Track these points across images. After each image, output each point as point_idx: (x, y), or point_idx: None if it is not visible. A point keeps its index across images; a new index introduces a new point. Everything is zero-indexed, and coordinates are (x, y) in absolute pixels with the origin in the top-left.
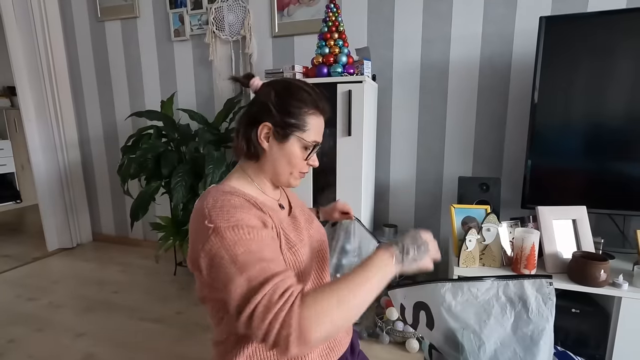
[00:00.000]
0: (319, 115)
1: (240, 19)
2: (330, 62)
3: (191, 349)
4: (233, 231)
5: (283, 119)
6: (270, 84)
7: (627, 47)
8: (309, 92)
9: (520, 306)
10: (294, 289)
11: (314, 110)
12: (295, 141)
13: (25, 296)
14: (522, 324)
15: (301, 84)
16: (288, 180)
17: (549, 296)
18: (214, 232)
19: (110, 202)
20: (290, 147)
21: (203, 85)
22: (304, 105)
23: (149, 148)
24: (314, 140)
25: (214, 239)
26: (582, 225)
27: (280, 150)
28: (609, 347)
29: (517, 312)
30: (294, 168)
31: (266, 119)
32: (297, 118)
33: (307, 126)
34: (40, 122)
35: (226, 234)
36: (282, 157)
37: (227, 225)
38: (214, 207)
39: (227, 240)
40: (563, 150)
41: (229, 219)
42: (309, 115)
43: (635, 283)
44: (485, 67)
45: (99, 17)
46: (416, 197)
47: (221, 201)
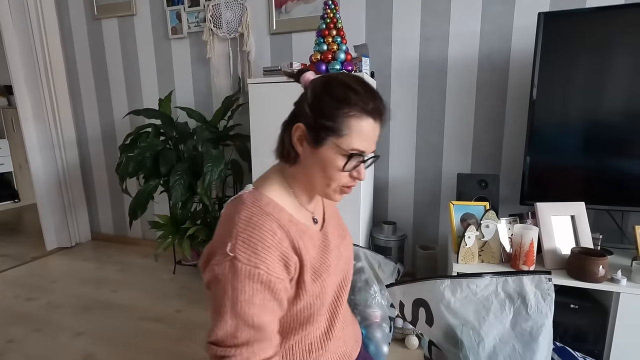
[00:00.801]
0: (366, 118)
1: (237, 16)
2: (328, 59)
3: (191, 348)
4: (248, 275)
5: (316, 120)
6: (315, 79)
7: (625, 43)
8: (355, 90)
9: (519, 302)
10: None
11: (356, 112)
12: (331, 147)
13: (23, 296)
14: (521, 320)
15: (347, 80)
16: (325, 192)
17: (548, 292)
18: (232, 262)
19: (108, 201)
20: (324, 153)
21: (201, 83)
22: (343, 105)
23: (147, 146)
24: (354, 147)
25: (228, 268)
26: (580, 221)
27: (314, 156)
28: (607, 342)
29: (516, 308)
30: (330, 179)
31: (300, 120)
32: (333, 120)
33: (346, 130)
34: (38, 121)
35: (240, 273)
36: (315, 164)
37: (247, 264)
38: (243, 230)
39: (238, 279)
40: (562, 146)
41: (251, 258)
42: (349, 117)
43: (633, 278)
44: (483, 64)
45: (95, 15)
46: (415, 194)
47: (252, 227)
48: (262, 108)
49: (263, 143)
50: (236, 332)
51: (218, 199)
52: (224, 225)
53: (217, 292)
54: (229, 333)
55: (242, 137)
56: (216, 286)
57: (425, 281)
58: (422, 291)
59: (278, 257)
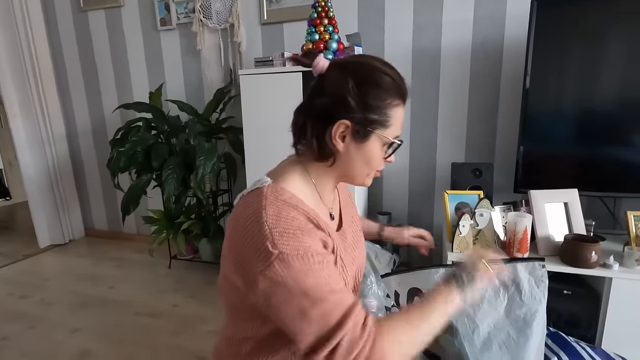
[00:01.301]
0: (403, 105)
1: (227, 6)
2: (320, 49)
3: (188, 341)
4: (302, 260)
5: (365, 115)
6: (342, 66)
7: (619, 30)
8: (392, 76)
9: (513, 289)
10: (369, 321)
11: (398, 101)
12: (376, 139)
13: (17, 294)
14: (515, 306)
15: (380, 65)
16: (363, 181)
17: (541, 279)
18: (279, 259)
19: (101, 196)
20: (370, 147)
21: (192, 75)
22: (387, 96)
23: (138, 141)
24: (396, 135)
25: (279, 266)
26: (573, 208)
27: (358, 151)
28: (600, 326)
29: (510, 295)
30: (372, 170)
31: (343, 116)
32: (380, 113)
33: (390, 120)
34: (26, 117)
35: (294, 262)
36: (359, 159)
37: (295, 253)
38: (276, 225)
39: (295, 269)
40: (555, 134)
41: (296, 245)
42: (393, 107)
43: (625, 263)
44: (477, 52)
45: (81, 6)
46: (409, 185)
47: (284, 219)
48: (255, 100)
49: (256, 135)
50: (326, 317)
51: (212, 193)
52: (248, 227)
53: (282, 296)
54: (321, 324)
55: (235, 130)
56: (277, 291)
57: (420, 270)
58: (416, 280)
59: (318, 239)
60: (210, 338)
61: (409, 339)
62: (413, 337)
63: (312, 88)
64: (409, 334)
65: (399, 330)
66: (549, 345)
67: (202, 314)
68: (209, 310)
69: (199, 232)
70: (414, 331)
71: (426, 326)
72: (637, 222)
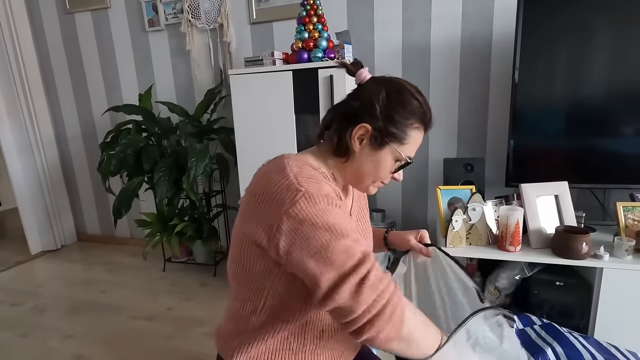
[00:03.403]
0: (422, 131)
1: (216, 6)
2: (310, 47)
3: (183, 344)
4: (326, 199)
5: (385, 125)
6: (381, 81)
7: (605, 23)
8: (420, 103)
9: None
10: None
11: (419, 124)
12: (389, 152)
13: (8, 302)
14: None
15: (414, 90)
16: (367, 188)
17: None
18: (305, 197)
19: (93, 200)
20: (382, 156)
21: (182, 76)
22: (411, 117)
23: (129, 143)
24: (409, 155)
25: (305, 203)
26: (564, 201)
27: (371, 157)
28: (592, 316)
29: None
30: (378, 178)
31: (367, 120)
32: (400, 128)
33: (407, 139)
34: (13, 121)
35: (319, 200)
36: (370, 164)
37: (320, 193)
38: (300, 173)
39: (320, 206)
40: (544, 128)
41: (320, 188)
42: (413, 128)
43: (615, 254)
44: (466, 47)
45: (67, 8)
46: (403, 181)
47: (307, 170)
48: (245, 99)
49: (248, 135)
50: (350, 249)
51: (205, 194)
52: (272, 177)
53: (305, 233)
54: (347, 254)
55: (227, 130)
56: (301, 228)
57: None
58: None
59: (337, 197)
60: (206, 340)
61: (416, 324)
62: (417, 327)
63: (349, 93)
64: (418, 325)
65: (412, 310)
66: (542, 337)
67: (197, 316)
68: (204, 313)
69: (192, 234)
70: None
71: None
72: (627, 212)
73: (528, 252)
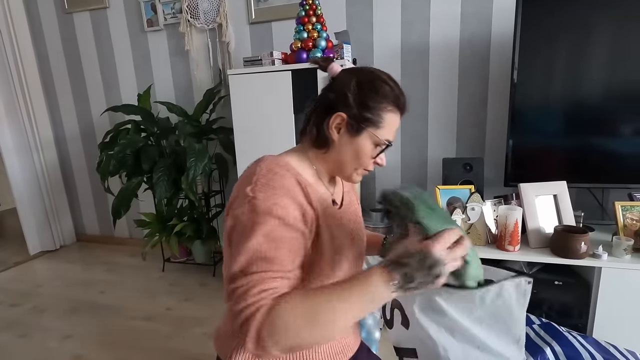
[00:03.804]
0: (397, 113)
1: (215, 6)
2: (309, 47)
3: (182, 344)
4: (265, 211)
5: (360, 112)
6: (353, 71)
7: (604, 22)
8: (392, 87)
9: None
10: (275, 291)
11: (393, 107)
12: (367, 137)
13: (7, 302)
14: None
15: (385, 77)
16: (350, 175)
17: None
18: (250, 202)
19: (92, 201)
20: (360, 142)
21: (180, 76)
22: (384, 101)
23: (127, 143)
24: (387, 138)
25: (247, 208)
26: (563, 200)
27: (350, 144)
28: (590, 315)
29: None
30: (360, 165)
31: (341, 109)
32: (374, 113)
33: (383, 123)
34: (12, 121)
35: (259, 209)
36: (350, 151)
37: (265, 203)
38: (264, 176)
39: (257, 215)
40: (543, 127)
41: (270, 197)
42: (387, 111)
43: (614, 253)
44: (465, 47)
45: (66, 8)
46: (402, 181)
47: (273, 174)
48: (244, 99)
49: (247, 135)
50: (250, 265)
51: (204, 194)
52: (245, 177)
53: (237, 232)
54: (243, 266)
55: (226, 130)
56: (236, 227)
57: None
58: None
59: (296, 203)
60: (206, 340)
61: (302, 329)
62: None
63: (324, 87)
64: (304, 325)
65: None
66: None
67: (196, 316)
68: (203, 313)
69: (192, 234)
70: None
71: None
72: (625, 212)
73: (527, 252)
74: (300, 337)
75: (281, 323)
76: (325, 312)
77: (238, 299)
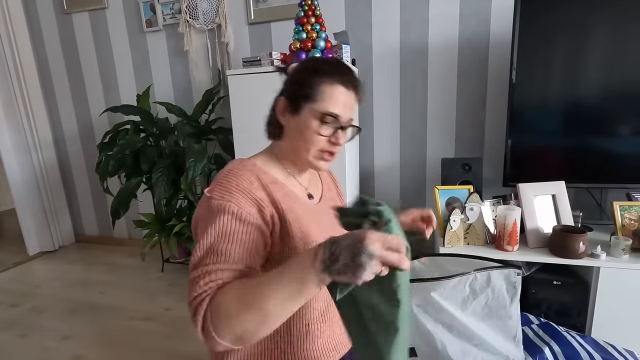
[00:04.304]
0: (337, 84)
1: (214, 6)
2: (308, 48)
3: (182, 345)
4: (218, 208)
5: (295, 89)
6: (300, 63)
7: (602, 22)
8: (326, 62)
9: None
10: (222, 282)
11: (329, 79)
12: (308, 112)
13: (7, 303)
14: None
15: (325, 59)
16: (307, 159)
17: (514, 285)
18: (207, 201)
19: (91, 201)
20: (303, 119)
21: (180, 76)
22: (315, 74)
23: (126, 144)
24: (329, 111)
25: (204, 207)
26: (561, 200)
27: (294, 124)
28: (589, 315)
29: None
30: (310, 144)
31: (284, 94)
32: (309, 87)
33: (320, 95)
34: (11, 122)
35: (213, 207)
36: (296, 131)
37: (219, 201)
38: (223, 178)
39: (211, 213)
40: (541, 128)
41: (224, 195)
42: (323, 83)
43: (612, 253)
44: (464, 47)
45: (65, 9)
46: (401, 181)
47: (232, 175)
48: (243, 100)
49: (246, 136)
50: (203, 258)
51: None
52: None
53: (196, 231)
54: (197, 261)
55: (225, 131)
56: (196, 226)
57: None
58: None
59: (250, 199)
60: None
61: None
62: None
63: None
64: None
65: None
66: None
67: None
68: None
69: (191, 235)
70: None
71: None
72: (623, 212)
73: (525, 252)
74: (240, 323)
75: (221, 311)
76: (256, 297)
77: (189, 291)
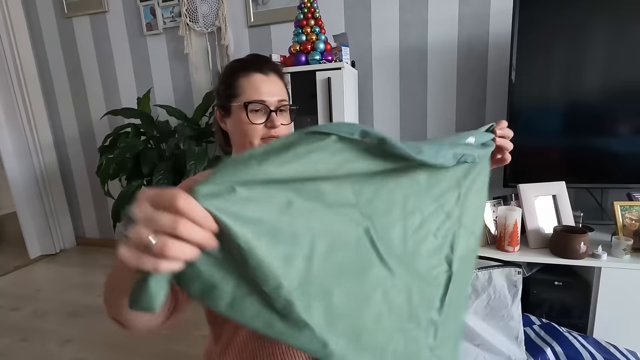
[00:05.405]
0: (252, 74)
1: (214, 9)
2: (307, 50)
3: (182, 346)
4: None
5: (220, 95)
6: None
7: (601, 22)
8: (241, 60)
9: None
10: None
11: (242, 72)
12: (236, 110)
13: (8, 306)
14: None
15: (240, 58)
16: None
17: (515, 284)
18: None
19: (92, 204)
20: (234, 116)
21: (180, 79)
22: (233, 73)
23: (127, 147)
24: (251, 99)
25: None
26: (562, 200)
27: (232, 125)
28: (590, 315)
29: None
30: (251, 136)
31: (216, 104)
32: (230, 86)
33: (240, 89)
34: (11, 125)
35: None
36: (234, 131)
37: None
38: (183, 184)
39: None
40: (541, 128)
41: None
42: (239, 78)
43: (613, 253)
44: (463, 48)
45: (65, 13)
46: None
47: (189, 182)
48: None
49: None
50: None
51: None
52: None
53: None
54: None
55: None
56: None
57: None
58: None
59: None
60: (204, 342)
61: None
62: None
63: None
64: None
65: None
66: (541, 336)
67: (195, 319)
68: (202, 315)
69: None
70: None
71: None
72: (624, 212)
73: (526, 252)
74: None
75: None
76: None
77: None
